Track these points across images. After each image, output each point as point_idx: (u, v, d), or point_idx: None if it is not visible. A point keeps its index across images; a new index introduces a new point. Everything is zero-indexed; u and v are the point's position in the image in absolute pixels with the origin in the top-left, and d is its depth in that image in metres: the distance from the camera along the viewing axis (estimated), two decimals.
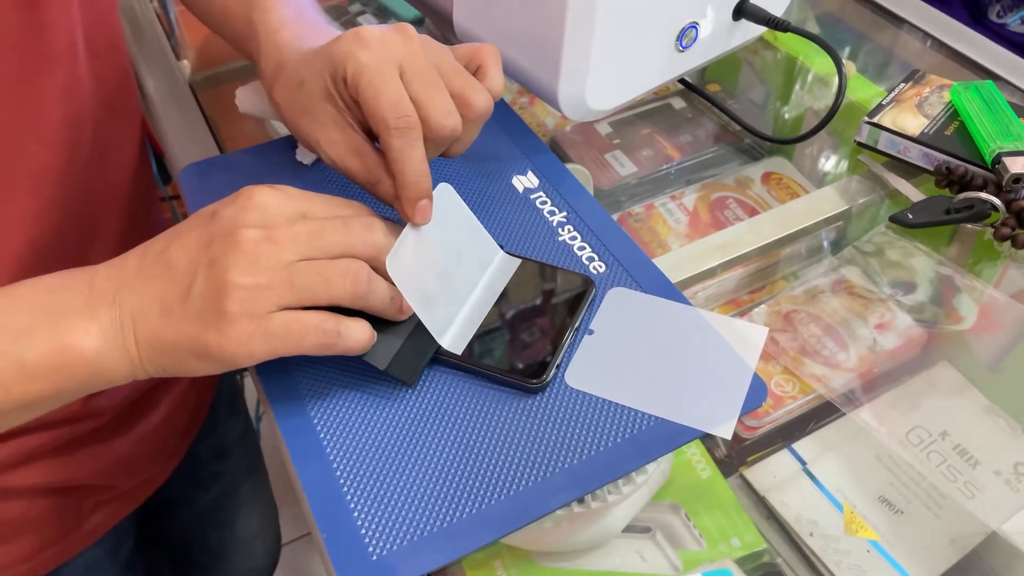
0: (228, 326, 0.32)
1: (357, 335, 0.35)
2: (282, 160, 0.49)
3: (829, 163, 0.62)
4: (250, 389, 1.04)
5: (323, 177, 0.48)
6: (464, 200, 0.47)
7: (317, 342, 0.33)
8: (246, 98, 0.51)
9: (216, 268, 0.33)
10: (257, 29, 0.44)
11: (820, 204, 0.53)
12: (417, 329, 0.37)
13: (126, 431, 0.55)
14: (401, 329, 0.37)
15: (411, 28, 0.39)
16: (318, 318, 0.34)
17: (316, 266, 0.33)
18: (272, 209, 0.34)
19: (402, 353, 0.37)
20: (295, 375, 0.39)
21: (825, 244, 0.54)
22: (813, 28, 0.72)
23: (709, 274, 0.50)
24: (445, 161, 0.50)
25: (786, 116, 0.66)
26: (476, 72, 0.41)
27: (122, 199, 0.51)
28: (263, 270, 0.33)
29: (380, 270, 0.35)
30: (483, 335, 0.39)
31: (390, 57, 0.37)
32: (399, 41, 0.38)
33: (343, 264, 0.34)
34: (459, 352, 0.38)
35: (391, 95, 0.36)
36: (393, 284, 0.35)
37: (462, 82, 0.39)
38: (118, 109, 0.49)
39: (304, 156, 0.49)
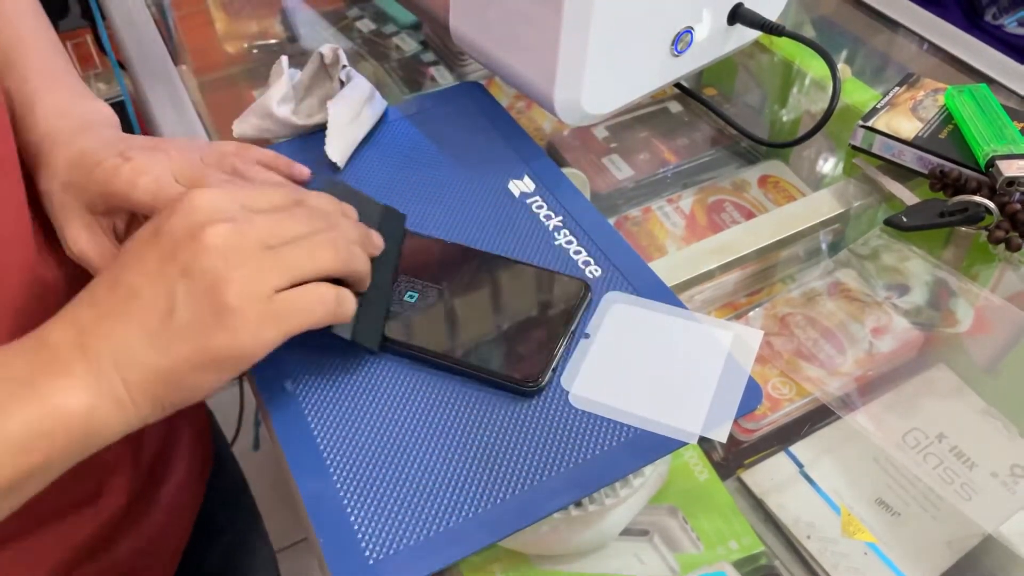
0: (235, 320, 0.31)
1: (349, 299, 0.35)
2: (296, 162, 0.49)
3: (825, 166, 0.62)
4: (249, 397, 1.04)
5: (354, 181, 0.49)
6: (459, 205, 0.47)
7: (325, 311, 0.34)
8: (245, 126, 0.51)
9: (196, 272, 0.32)
10: (13, 100, 0.44)
11: (817, 207, 0.53)
12: (365, 297, 0.38)
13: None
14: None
15: (166, 141, 0.44)
16: (318, 289, 0.34)
17: (296, 241, 0.34)
18: (219, 204, 0.33)
19: (361, 321, 0.38)
20: (293, 381, 0.39)
21: (823, 247, 0.54)
22: (808, 32, 0.72)
23: (706, 277, 0.50)
24: (440, 166, 0.50)
25: (783, 119, 0.66)
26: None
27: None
28: (248, 257, 0.32)
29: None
30: (479, 338, 0.39)
31: (163, 172, 0.41)
32: (161, 158, 0.41)
33: (321, 235, 0.35)
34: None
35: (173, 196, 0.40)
36: None
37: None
38: None
39: (335, 154, 0.49)
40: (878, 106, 0.55)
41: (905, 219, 0.50)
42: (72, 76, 0.48)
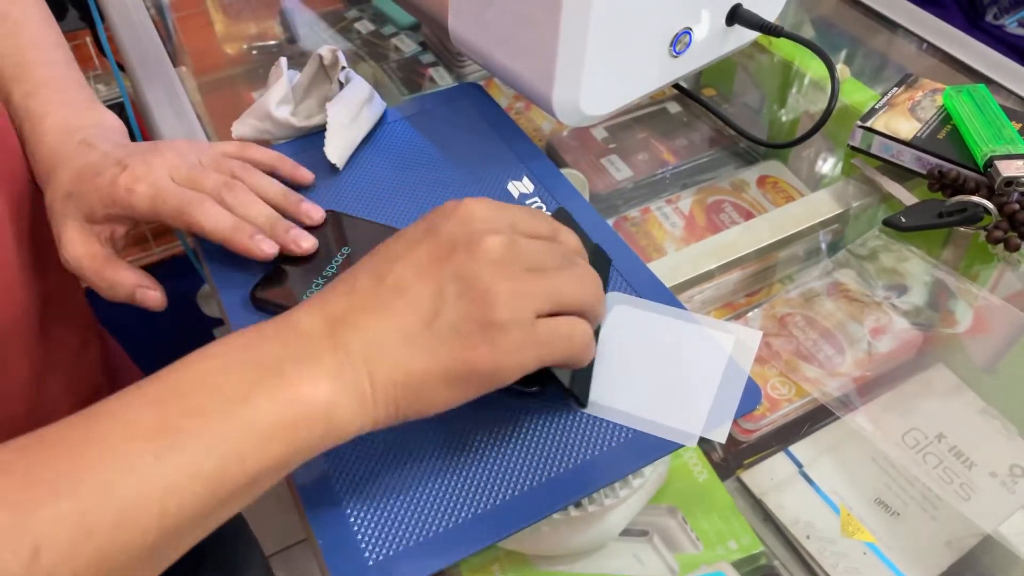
0: (501, 336, 0.30)
1: (594, 342, 0.34)
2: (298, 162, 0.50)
3: (824, 167, 0.62)
4: None
5: (353, 182, 0.49)
6: None
7: (578, 347, 0.33)
8: (244, 128, 0.51)
9: (469, 278, 0.31)
10: (20, 114, 0.45)
11: (815, 207, 0.54)
12: None
13: None
14: None
15: (166, 143, 0.44)
16: (579, 324, 0.33)
17: (559, 271, 0.33)
18: (494, 217, 0.33)
19: (576, 371, 0.36)
20: None
21: (823, 247, 0.54)
22: (807, 32, 0.72)
23: (705, 278, 0.50)
24: (439, 167, 0.50)
25: (782, 120, 0.66)
26: None
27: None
28: (519, 275, 0.31)
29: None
30: None
31: (163, 176, 0.42)
32: (158, 162, 0.42)
33: (579, 270, 0.34)
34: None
35: (175, 196, 0.41)
36: None
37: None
38: None
39: (334, 155, 0.49)
40: (876, 106, 0.55)
41: (904, 219, 0.50)
42: (78, 85, 0.48)
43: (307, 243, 0.43)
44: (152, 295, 0.43)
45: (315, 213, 0.45)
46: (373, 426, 0.31)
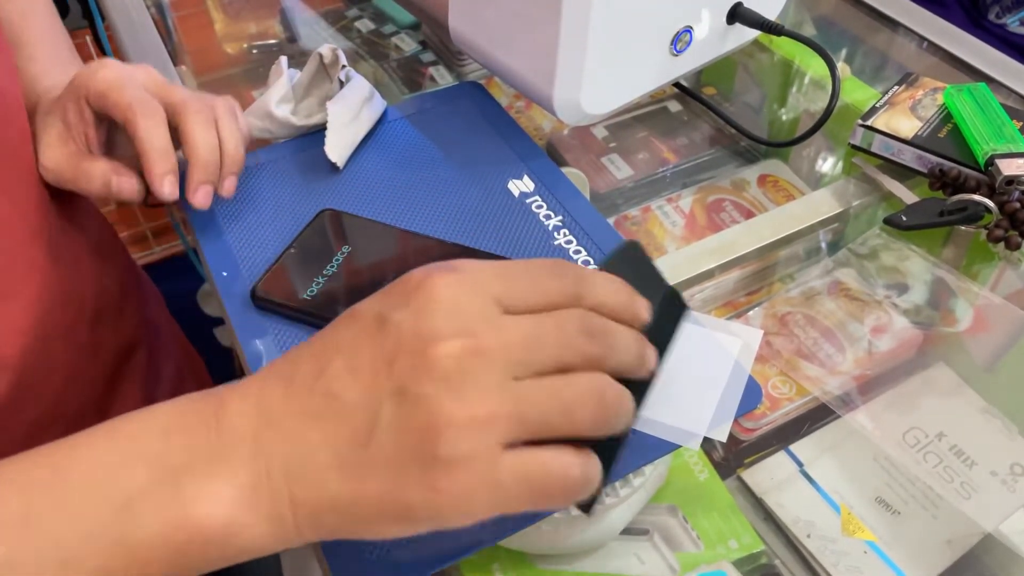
0: (441, 477, 0.23)
1: (596, 476, 0.26)
2: (295, 162, 0.50)
3: (825, 165, 0.62)
4: None
5: (353, 181, 0.49)
6: (459, 205, 0.47)
7: (560, 497, 0.25)
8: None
9: (411, 398, 0.24)
10: (21, 74, 0.46)
11: (816, 206, 0.54)
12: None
13: None
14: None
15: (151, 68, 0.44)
16: (561, 461, 0.25)
17: (547, 386, 0.25)
18: (463, 304, 0.25)
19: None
20: None
21: (824, 246, 0.54)
22: (808, 31, 0.72)
23: (706, 276, 0.50)
24: (439, 166, 0.50)
25: (782, 118, 0.66)
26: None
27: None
28: (478, 397, 0.24)
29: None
30: None
31: (132, 75, 0.42)
32: (140, 70, 0.43)
33: (584, 381, 0.25)
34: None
35: (135, 93, 0.41)
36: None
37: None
38: None
39: (335, 154, 0.49)
40: (877, 105, 0.55)
41: (904, 218, 0.50)
42: (79, 62, 0.50)
43: (170, 189, 0.41)
44: (127, 181, 0.42)
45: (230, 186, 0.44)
46: (300, 543, 0.26)
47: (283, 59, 0.52)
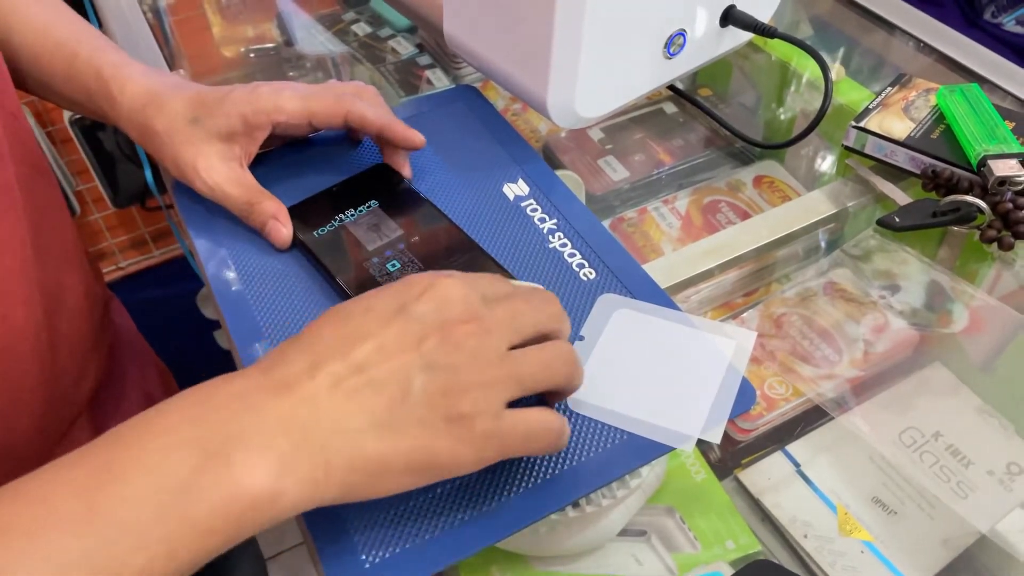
0: (463, 430, 0.30)
1: (567, 433, 0.34)
2: (295, 162, 0.50)
3: (820, 166, 0.62)
4: None
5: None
6: (454, 209, 0.47)
7: (546, 444, 0.32)
8: None
9: (439, 370, 0.30)
10: (107, 72, 0.46)
11: (812, 207, 0.54)
12: None
13: None
14: None
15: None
16: (546, 416, 0.32)
17: (533, 353, 0.32)
18: (467, 298, 0.32)
19: None
20: None
21: (822, 246, 0.54)
22: (803, 32, 0.73)
23: (702, 277, 0.50)
24: (435, 170, 0.50)
25: (778, 120, 0.67)
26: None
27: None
28: (488, 365, 0.31)
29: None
30: None
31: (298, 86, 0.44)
32: (286, 84, 0.45)
33: (555, 347, 0.33)
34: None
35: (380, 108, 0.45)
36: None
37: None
38: None
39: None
40: (870, 106, 0.55)
41: (898, 219, 0.50)
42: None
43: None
44: (282, 231, 0.44)
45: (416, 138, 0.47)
46: (319, 505, 0.30)
47: None
